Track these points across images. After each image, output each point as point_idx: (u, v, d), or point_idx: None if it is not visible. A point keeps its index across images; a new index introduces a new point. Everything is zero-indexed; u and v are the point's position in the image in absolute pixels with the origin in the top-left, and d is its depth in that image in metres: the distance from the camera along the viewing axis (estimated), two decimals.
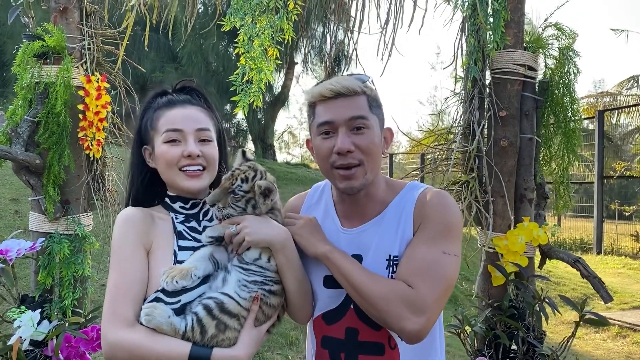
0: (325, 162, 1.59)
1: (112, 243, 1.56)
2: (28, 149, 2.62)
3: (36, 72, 2.60)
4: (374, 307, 1.47)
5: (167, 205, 1.68)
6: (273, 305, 1.58)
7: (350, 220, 1.68)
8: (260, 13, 2.15)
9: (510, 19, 2.60)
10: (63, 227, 2.70)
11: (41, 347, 2.50)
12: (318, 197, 1.81)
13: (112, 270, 1.52)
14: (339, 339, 1.61)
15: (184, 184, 1.62)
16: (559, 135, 2.75)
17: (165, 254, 1.56)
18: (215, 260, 1.57)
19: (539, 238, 2.54)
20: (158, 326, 1.43)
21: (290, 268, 1.58)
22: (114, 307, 1.47)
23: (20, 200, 6.90)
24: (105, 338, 1.45)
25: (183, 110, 1.64)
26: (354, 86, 1.56)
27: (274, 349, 4.96)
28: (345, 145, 1.52)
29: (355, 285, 1.49)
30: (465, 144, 2.68)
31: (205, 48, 12.98)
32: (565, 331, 6.03)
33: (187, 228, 1.63)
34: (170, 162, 1.60)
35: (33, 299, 2.61)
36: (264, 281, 1.56)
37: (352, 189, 1.57)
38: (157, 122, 1.64)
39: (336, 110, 1.55)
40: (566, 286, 8.39)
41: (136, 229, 1.55)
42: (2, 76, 14.43)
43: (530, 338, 2.43)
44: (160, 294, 1.49)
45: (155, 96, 1.72)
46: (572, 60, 2.66)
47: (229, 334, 1.49)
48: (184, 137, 1.60)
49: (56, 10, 2.76)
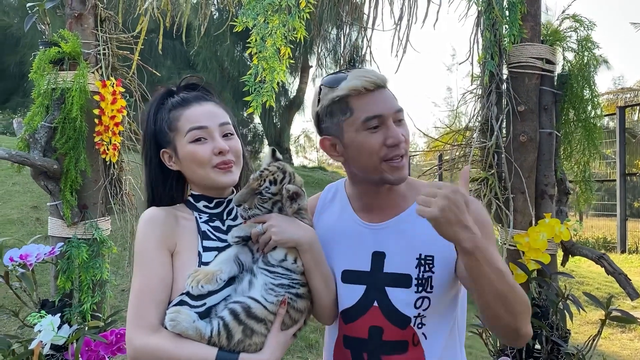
0: (373, 157, 1.53)
1: (135, 246, 1.53)
2: (46, 154, 2.64)
3: (52, 78, 2.63)
4: (513, 310, 1.34)
5: (190, 204, 1.64)
6: (300, 309, 1.55)
7: (369, 214, 1.64)
8: (272, 12, 2.14)
9: (527, 12, 2.56)
10: (81, 232, 2.72)
11: (62, 352, 2.52)
12: (332, 195, 1.78)
13: (136, 273, 1.50)
14: (362, 338, 1.58)
15: (220, 179, 1.57)
16: (579, 130, 2.70)
17: (190, 255, 1.53)
18: (240, 262, 1.54)
19: (561, 234, 2.49)
20: (183, 331, 1.41)
21: (318, 268, 1.54)
22: (139, 312, 1.45)
23: (41, 208, 6.99)
24: (130, 343, 1.43)
25: (201, 107, 1.60)
26: (384, 77, 1.56)
27: (294, 352, 4.94)
28: (400, 138, 1.51)
29: (506, 287, 1.33)
30: (484, 140, 2.64)
31: (220, 54, 13.08)
32: (590, 331, 5.91)
33: (211, 228, 1.60)
34: (201, 161, 1.55)
35: (53, 304, 2.64)
36: (291, 284, 1.53)
37: (402, 179, 1.56)
38: (177, 123, 1.58)
39: (382, 103, 1.52)
40: (590, 285, 8.24)
41: (160, 231, 1.52)
42: (23, 86, 14.71)
43: (554, 337, 2.38)
44: (185, 297, 1.47)
45: (163, 96, 1.66)
46: (592, 52, 2.61)
47: (255, 339, 1.46)
48: (210, 134, 1.56)
49: (71, 17, 2.79)
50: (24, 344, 2.41)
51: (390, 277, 1.55)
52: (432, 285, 1.53)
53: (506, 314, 1.35)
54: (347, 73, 1.57)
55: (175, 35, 3.10)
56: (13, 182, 7.68)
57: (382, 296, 1.56)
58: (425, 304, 1.53)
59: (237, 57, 13.68)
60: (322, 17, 3.10)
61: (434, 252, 1.54)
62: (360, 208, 1.67)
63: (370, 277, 1.58)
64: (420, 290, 1.53)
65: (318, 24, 3.19)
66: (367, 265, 1.59)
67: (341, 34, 3.12)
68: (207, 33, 2.47)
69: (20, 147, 2.63)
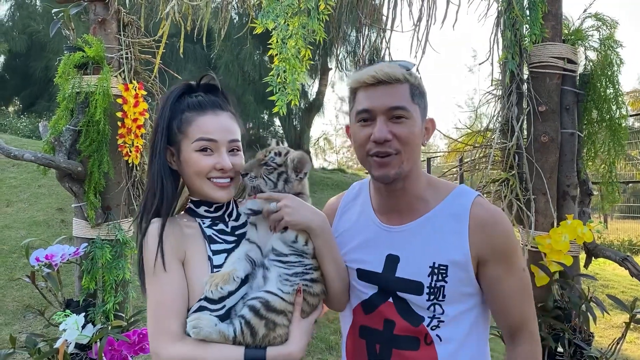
0: (361, 149, 1.56)
1: (145, 261, 1.52)
2: (70, 157, 2.70)
3: (77, 82, 2.68)
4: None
5: (191, 211, 1.65)
6: (316, 293, 1.57)
7: (386, 215, 1.64)
8: (292, 15, 2.16)
9: (547, 11, 2.53)
10: (105, 233, 2.76)
11: (86, 350, 2.56)
12: (355, 194, 1.78)
13: (151, 288, 1.51)
14: (377, 329, 1.59)
15: (215, 194, 1.59)
16: (603, 130, 2.65)
17: (200, 260, 1.54)
18: (251, 259, 1.56)
19: (583, 236, 2.45)
20: (207, 336, 1.43)
21: (329, 252, 1.57)
22: (160, 324, 1.46)
23: (65, 210, 7.13)
24: (158, 356, 1.44)
25: (216, 119, 1.59)
26: (397, 74, 1.52)
27: (314, 353, 4.94)
28: (382, 135, 1.49)
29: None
30: (504, 140, 2.61)
31: (241, 57, 13.16)
32: (614, 335, 5.80)
33: (215, 231, 1.61)
34: (200, 172, 1.57)
35: (77, 303, 2.68)
36: (305, 271, 1.55)
37: (386, 177, 1.53)
38: (188, 127, 1.58)
39: (376, 99, 1.52)
40: (615, 288, 8.08)
41: (168, 243, 1.52)
42: (48, 90, 15.00)
43: (577, 340, 2.34)
44: (204, 302, 1.48)
45: (181, 92, 1.65)
46: (615, 51, 2.57)
47: (279, 330, 1.49)
48: (217, 148, 1.58)
49: (95, 22, 2.85)
50: (50, 342, 2.46)
51: (402, 282, 1.55)
52: (445, 295, 1.52)
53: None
54: (372, 66, 1.58)
55: (196, 39, 3.14)
56: (39, 185, 7.84)
57: (396, 297, 1.57)
58: (438, 310, 1.53)
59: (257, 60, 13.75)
60: (341, 19, 3.10)
61: (449, 262, 1.53)
62: (379, 208, 1.67)
63: (382, 279, 1.58)
64: (432, 298, 1.52)
65: (337, 26, 3.20)
66: (380, 267, 1.59)
67: (360, 35, 3.12)
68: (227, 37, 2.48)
69: (46, 150, 2.68)
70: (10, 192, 7.62)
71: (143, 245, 1.53)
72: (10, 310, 5.10)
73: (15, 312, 5.08)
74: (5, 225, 6.63)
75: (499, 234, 1.54)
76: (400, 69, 1.54)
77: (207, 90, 1.68)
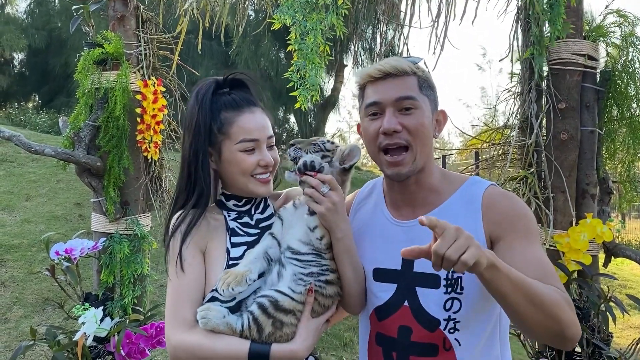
0: (372, 144, 1.55)
1: (171, 247, 1.59)
2: (90, 152, 2.73)
3: (96, 78, 2.71)
4: (549, 314, 1.29)
5: (221, 204, 1.70)
6: (329, 295, 1.57)
7: (400, 210, 1.63)
8: (310, 10, 2.15)
9: (568, 7, 2.50)
10: (123, 228, 2.79)
11: (104, 344, 2.59)
12: (369, 190, 1.78)
13: (172, 275, 1.56)
14: (392, 337, 1.57)
15: (258, 190, 1.64)
16: (623, 128, 2.62)
17: (220, 252, 1.59)
18: (269, 257, 1.57)
19: (603, 235, 2.43)
20: (215, 327, 1.46)
21: (348, 257, 1.57)
22: (175, 311, 1.52)
23: (83, 205, 7.21)
24: (169, 341, 1.51)
25: (253, 117, 1.62)
26: (403, 66, 1.51)
27: (328, 350, 4.95)
28: (392, 125, 1.47)
29: (531, 293, 1.28)
30: (523, 138, 2.59)
31: (259, 54, 13.20)
32: (633, 335, 5.73)
33: (239, 224, 1.65)
34: (246, 170, 1.61)
35: (96, 297, 2.72)
36: (320, 271, 1.55)
37: (400, 175, 1.52)
38: (230, 128, 1.59)
39: (384, 91, 1.51)
40: (633, 289, 7.98)
41: (192, 233, 1.58)
42: (67, 86, 15.18)
43: (595, 340, 2.32)
44: (216, 292, 1.52)
45: (212, 91, 1.64)
46: (637, 48, 2.53)
47: (286, 329, 1.50)
48: (259, 146, 1.62)
49: (114, 19, 2.87)
50: (69, 335, 2.49)
51: (420, 277, 1.53)
52: (462, 287, 1.49)
53: (543, 318, 1.28)
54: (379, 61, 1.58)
55: (214, 36, 3.15)
56: (57, 180, 7.95)
57: (413, 296, 1.54)
58: (455, 306, 1.49)
59: (273, 57, 13.78)
60: (359, 16, 3.09)
61: None
62: (392, 204, 1.66)
63: (401, 276, 1.57)
64: (450, 291, 1.50)
65: (354, 23, 3.19)
66: (398, 264, 1.58)
67: (377, 32, 3.11)
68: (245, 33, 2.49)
69: (66, 145, 2.72)
70: (30, 186, 7.73)
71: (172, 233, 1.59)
72: (30, 303, 5.18)
73: (34, 305, 5.16)
74: (24, 219, 6.74)
75: (509, 205, 1.49)
76: (406, 62, 1.54)
77: (234, 86, 1.70)
